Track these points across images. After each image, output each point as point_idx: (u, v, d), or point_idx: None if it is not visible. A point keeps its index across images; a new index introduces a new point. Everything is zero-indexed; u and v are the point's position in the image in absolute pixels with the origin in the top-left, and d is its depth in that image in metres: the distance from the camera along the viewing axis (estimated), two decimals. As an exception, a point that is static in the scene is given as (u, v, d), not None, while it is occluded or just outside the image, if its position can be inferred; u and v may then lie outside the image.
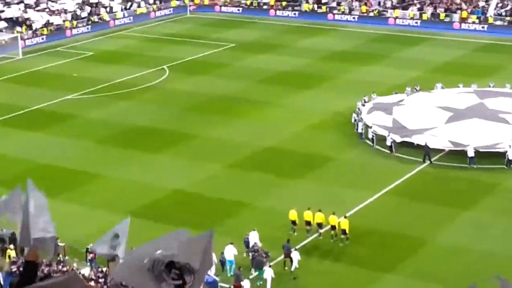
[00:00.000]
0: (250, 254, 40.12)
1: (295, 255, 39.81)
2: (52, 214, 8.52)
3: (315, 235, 43.07)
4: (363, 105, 60.99)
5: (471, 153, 51.81)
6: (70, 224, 42.82)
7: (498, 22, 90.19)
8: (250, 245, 40.44)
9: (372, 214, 45.23)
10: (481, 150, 52.01)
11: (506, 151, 51.87)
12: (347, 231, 42.24)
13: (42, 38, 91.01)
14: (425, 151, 52.89)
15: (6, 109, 66.03)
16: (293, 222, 43.31)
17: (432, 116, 57.30)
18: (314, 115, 62.21)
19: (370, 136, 56.35)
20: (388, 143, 54.72)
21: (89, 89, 71.19)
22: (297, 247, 41.28)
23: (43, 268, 35.36)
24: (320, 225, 43.00)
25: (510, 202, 47.28)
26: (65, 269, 38.17)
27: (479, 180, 50.18)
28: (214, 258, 36.63)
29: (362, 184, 49.09)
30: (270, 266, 38.75)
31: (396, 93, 64.32)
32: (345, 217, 43.08)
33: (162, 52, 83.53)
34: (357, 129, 58.04)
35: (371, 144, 55.78)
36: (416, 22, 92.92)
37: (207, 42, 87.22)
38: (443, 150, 53.57)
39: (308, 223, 43.08)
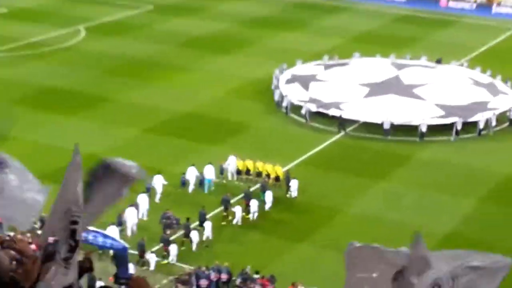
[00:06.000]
0: (162, 221, 40.05)
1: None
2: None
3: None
4: (282, 73, 60.92)
5: (387, 126, 52.43)
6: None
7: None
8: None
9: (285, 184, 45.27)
10: (395, 123, 52.73)
11: (419, 124, 52.63)
12: (280, 178, 45.20)
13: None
14: (340, 122, 53.24)
15: None
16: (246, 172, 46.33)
17: (349, 92, 57.39)
18: (233, 81, 61.92)
19: (284, 104, 56.41)
20: (303, 111, 54.88)
21: (2, 47, 69.20)
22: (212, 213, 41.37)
23: None
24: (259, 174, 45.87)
25: (422, 174, 48.12)
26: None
27: (393, 151, 50.84)
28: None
29: (277, 153, 49.07)
30: (271, 188, 43.67)
31: (315, 60, 64.43)
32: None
33: (79, 12, 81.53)
34: (275, 97, 58.02)
35: (286, 112, 55.93)
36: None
37: (125, 3, 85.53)
38: (358, 121, 54.01)
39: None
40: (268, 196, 43.19)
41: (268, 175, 45.30)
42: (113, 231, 37.71)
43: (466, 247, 37.55)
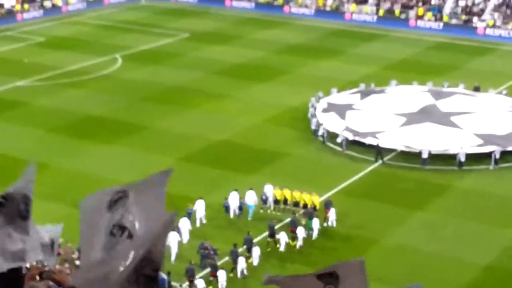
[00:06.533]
0: (200, 251, 39.88)
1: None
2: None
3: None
4: (318, 101, 60.69)
5: (425, 155, 51.90)
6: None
7: (454, 21, 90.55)
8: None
9: (323, 213, 44.90)
10: (433, 152, 52.20)
11: (458, 153, 52.05)
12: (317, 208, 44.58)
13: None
14: (377, 150, 52.82)
15: (-46, 94, 64.50)
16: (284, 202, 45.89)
17: (385, 122, 56.95)
18: (269, 109, 61.81)
19: (320, 133, 56.10)
20: (339, 140, 54.52)
21: (40, 76, 69.90)
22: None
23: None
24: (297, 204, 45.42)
25: (461, 204, 47.46)
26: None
27: (431, 181, 50.26)
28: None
29: (314, 183, 48.64)
30: (317, 217, 43.31)
31: (350, 89, 64.13)
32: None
33: (116, 40, 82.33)
34: (311, 125, 57.77)
35: (322, 140, 55.64)
36: (373, 18, 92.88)
37: (161, 31, 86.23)
38: (395, 149, 53.56)
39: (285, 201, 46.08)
40: (315, 223, 42.96)
41: (305, 205, 44.97)
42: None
43: (508, 278, 36.75)
